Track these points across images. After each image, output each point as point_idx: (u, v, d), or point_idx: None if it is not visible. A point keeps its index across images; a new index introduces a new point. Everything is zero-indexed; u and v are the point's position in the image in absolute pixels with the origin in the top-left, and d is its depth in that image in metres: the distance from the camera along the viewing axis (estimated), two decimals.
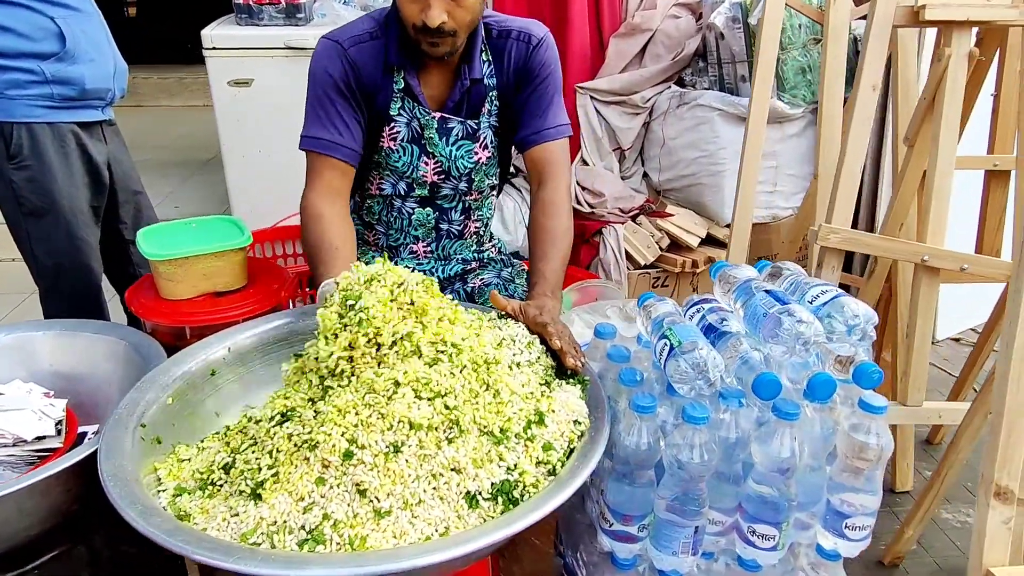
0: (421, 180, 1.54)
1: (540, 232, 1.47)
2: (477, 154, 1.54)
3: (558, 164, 1.52)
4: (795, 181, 2.90)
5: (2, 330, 1.45)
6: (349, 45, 1.44)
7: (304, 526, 0.89)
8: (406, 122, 1.48)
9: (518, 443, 1.03)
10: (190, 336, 1.50)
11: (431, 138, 1.49)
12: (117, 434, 1.06)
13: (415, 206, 1.58)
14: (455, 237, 1.66)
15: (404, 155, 1.51)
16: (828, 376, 1.06)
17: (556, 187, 1.51)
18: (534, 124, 1.52)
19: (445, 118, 1.50)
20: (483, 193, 1.64)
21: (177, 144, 5.02)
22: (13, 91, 1.84)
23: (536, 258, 1.45)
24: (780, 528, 1.13)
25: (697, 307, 1.24)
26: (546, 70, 1.51)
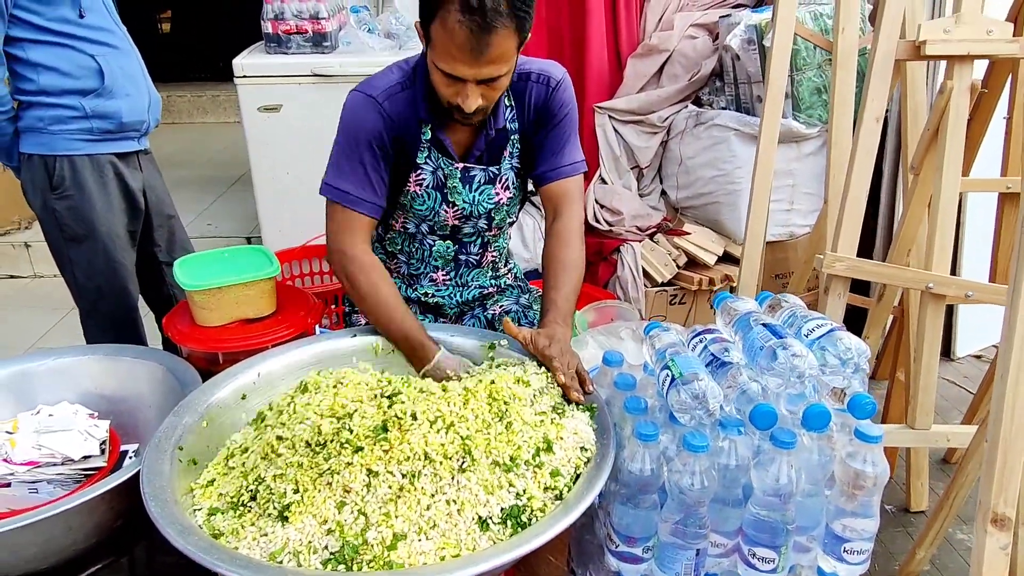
0: (442, 224, 1.61)
1: (553, 262, 1.53)
2: (498, 195, 1.60)
3: (573, 198, 1.59)
4: (812, 199, 2.93)
5: (51, 355, 1.55)
6: (383, 99, 1.46)
7: (327, 546, 0.97)
8: (432, 170, 1.53)
9: (527, 470, 1.09)
10: (223, 361, 1.59)
11: (454, 187, 1.55)
12: (157, 457, 1.15)
13: (436, 239, 1.64)
14: (473, 266, 1.72)
15: (428, 200, 1.56)
16: (823, 407, 1.11)
17: (570, 218, 1.57)
18: (551, 161, 1.57)
19: (468, 168, 1.55)
20: (502, 229, 1.70)
21: (211, 161, 5.17)
22: (56, 126, 1.96)
23: (549, 287, 1.51)
24: (779, 551, 1.17)
25: (700, 337, 1.30)
26: (564, 110, 1.56)
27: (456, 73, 1.31)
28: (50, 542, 1.18)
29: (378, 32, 3.05)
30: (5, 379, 1.50)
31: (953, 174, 1.52)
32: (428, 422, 1.07)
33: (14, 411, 1.47)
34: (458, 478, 1.04)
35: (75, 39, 1.93)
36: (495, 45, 1.27)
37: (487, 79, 1.32)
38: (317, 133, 2.91)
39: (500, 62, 1.30)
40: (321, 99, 2.90)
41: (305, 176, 3.05)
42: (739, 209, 2.89)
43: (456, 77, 1.32)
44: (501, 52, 1.28)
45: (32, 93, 1.92)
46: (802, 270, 2.46)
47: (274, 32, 2.95)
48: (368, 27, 3.08)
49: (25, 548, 1.16)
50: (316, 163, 3.05)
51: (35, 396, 1.50)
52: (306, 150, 2.95)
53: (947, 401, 2.65)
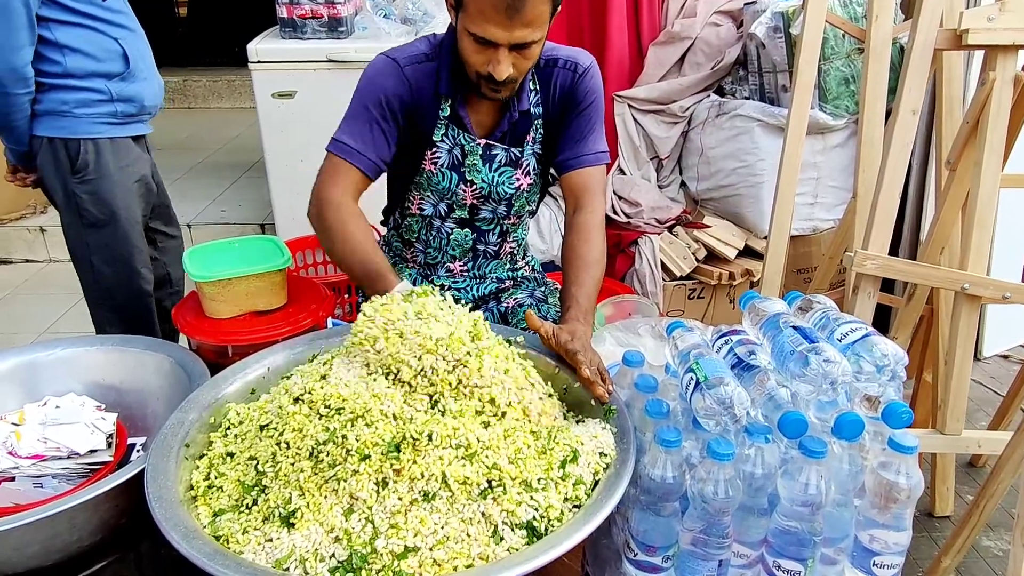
0: (460, 202, 1.58)
1: (574, 257, 1.49)
2: (519, 180, 1.57)
3: (595, 190, 1.55)
4: (837, 193, 2.86)
5: (59, 344, 1.53)
6: (406, 64, 1.46)
7: (335, 555, 0.93)
8: (448, 148, 1.51)
9: (551, 483, 1.05)
10: (232, 354, 1.55)
11: (474, 164, 1.52)
12: (162, 455, 1.12)
13: (454, 226, 1.61)
14: (491, 257, 1.69)
15: (443, 180, 1.54)
16: (856, 416, 1.06)
17: (592, 213, 1.53)
18: (575, 149, 1.54)
19: (490, 145, 1.52)
20: (521, 217, 1.67)
21: (226, 147, 5.15)
22: (81, 109, 1.94)
23: (569, 282, 1.46)
24: (806, 564, 1.12)
25: (725, 338, 1.24)
26: (590, 97, 1.53)
27: (488, 36, 1.29)
28: (54, 539, 1.15)
29: (394, 17, 3.00)
30: (12, 369, 1.47)
31: (993, 170, 1.45)
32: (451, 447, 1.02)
33: (21, 402, 1.44)
34: (479, 503, 0.99)
35: (99, 21, 1.92)
36: (530, 6, 1.26)
37: (520, 44, 1.31)
38: (332, 120, 2.86)
39: (534, 26, 1.29)
40: (336, 85, 2.85)
41: (319, 163, 3.01)
42: (761, 202, 2.82)
43: (488, 42, 1.30)
44: (536, 15, 1.27)
45: (57, 75, 1.89)
46: (826, 266, 2.39)
47: (289, 16, 2.90)
48: (384, 12, 3.03)
49: (28, 546, 1.13)
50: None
51: (42, 386, 1.47)
52: (320, 137, 2.87)
53: (973, 402, 2.58)
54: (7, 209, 3.90)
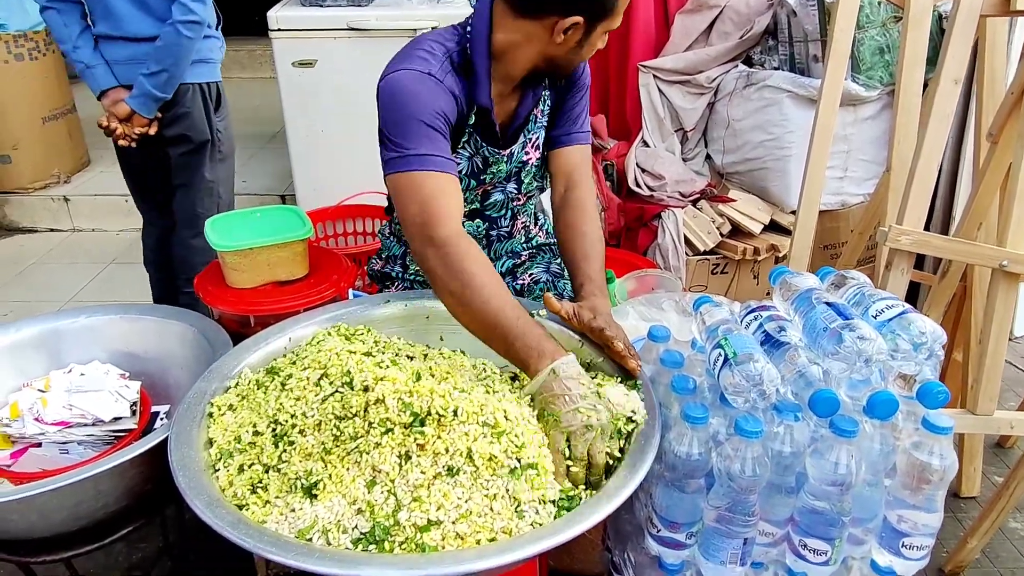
0: (471, 199, 1.55)
1: (578, 235, 1.46)
2: (528, 155, 1.54)
3: (586, 168, 1.55)
4: (867, 167, 2.78)
5: (83, 313, 1.53)
6: (442, 77, 1.32)
7: (357, 526, 0.93)
8: (468, 156, 1.47)
9: None
10: (254, 324, 1.55)
11: (498, 170, 1.51)
12: (185, 424, 1.12)
13: (464, 220, 1.57)
14: (505, 239, 1.67)
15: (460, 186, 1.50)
16: (890, 395, 1.03)
17: (587, 191, 1.52)
18: (569, 127, 1.55)
19: (512, 151, 1.50)
20: (530, 196, 1.65)
21: (247, 117, 5.12)
22: (213, 55, 2.16)
23: (578, 257, 1.43)
24: (833, 544, 1.11)
25: (755, 314, 1.21)
26: (585, 81, 1.55)
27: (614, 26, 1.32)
28: (79, 505, 1.16)
29: None
30: (37, 337, 1.48)
31: None
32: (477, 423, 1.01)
33: (46, 369, 1.45)
34: (506, 481, 0.98)
35: None
36: None
37: None
38: (352, 89, 2.85)
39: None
40: (357, 54, 2.81)
41: (339, 133, 2.99)
42: (789, 176, 2.75)
43: None
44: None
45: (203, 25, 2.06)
46: (855, 241, 2.33)
47: None
48: None
49: (54, 511, 1.15)
50: (351, 120, 2.99)
51: (66, 354, 1.49)
52: (341, 107, 2.89)
53: (1003, 383, 2.50)
54: (32, 179, 3.92)
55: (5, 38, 3.65)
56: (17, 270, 3.49)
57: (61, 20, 1.99)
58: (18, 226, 3.95)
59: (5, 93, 3.71)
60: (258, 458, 1.06)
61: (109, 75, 2.03)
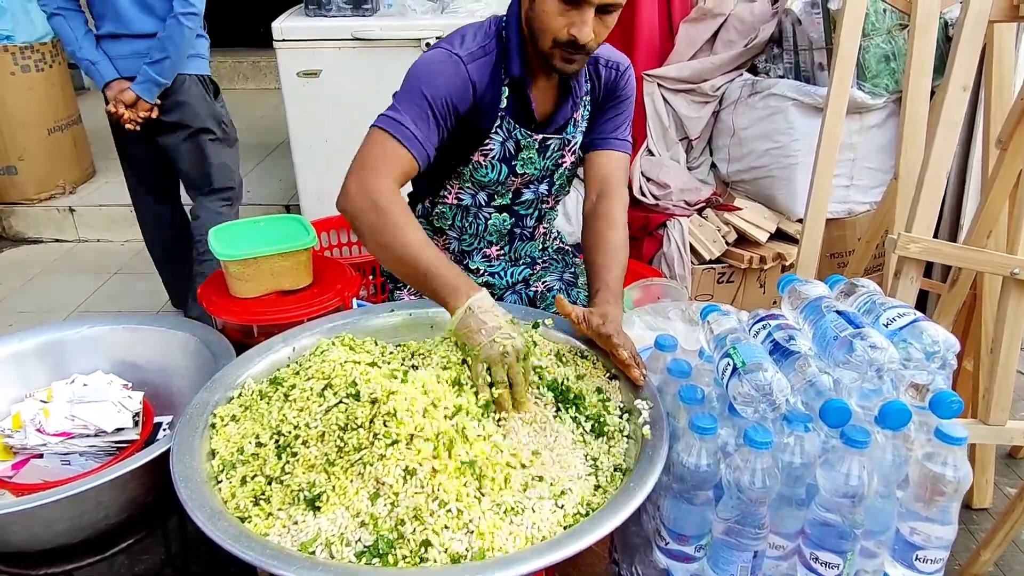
0: (504, 191, 1.55)
1: (601, 242, 1.46)
2: (565, 159, 1.56)
3: (620, 178, 1.54)
4: (874, 175, 2.77)
5: (85, 323, 1.53)
6: (469, 61, 1.37)
7: (361, 539, 0.91)
8: (501, 140, 1.47)
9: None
10: (257, 334, 1.54)
11: (529, 158, 1.50)
12: (188, 434, 1.11)
13: (492, 212, 1.59)
14: (527, 239, 1.68)
15: (492, 171, 1.51)
16: (902, 405, 1.01)
17: (617, 201, 1.51)
18: (604, 131, 1.55)
19: (547, 138, 1.49)
20: (558, 199, 1.67)
21: (250, 128, 5.14)
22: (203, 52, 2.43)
23: (598, 265, 1.43)
24: (845, 557, 1.08)
25: (763, 323, 1.20)
26: (627, 93, 1.55)
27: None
28: (81, 517, 1.15)
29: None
30: (40, 347, 1.47)
31: None
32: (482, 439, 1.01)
33: (48, 379, 1.44)
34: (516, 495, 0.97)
35: None
36: None
37: (606, 6, 1.26)
38: (357, 99, 2.85)
39: None
40: (361, 64, 2.82)
41: (344, 144, 2.97)
42: (795, 184, 2.74)
43: (576, 1, 1.25)
44: None
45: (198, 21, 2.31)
46: (862, 250, 2.31)
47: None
48: None
49: (56, 522, 1.14)
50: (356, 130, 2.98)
51: (69, 365, 1.48)
52: (346, 117, 2.89)
53: (1014, 392, 2.49)
54: (37, 189, 3.93)
55: (12, 49, 3.67)
56: (22, 280, 3.49)
57: (67, 24, 2.28)
58: (23, 237, 3.95)
59: (11, 104, 3.73)
60: (261, 469, 1.04)
61: (112, 69, 2.32)
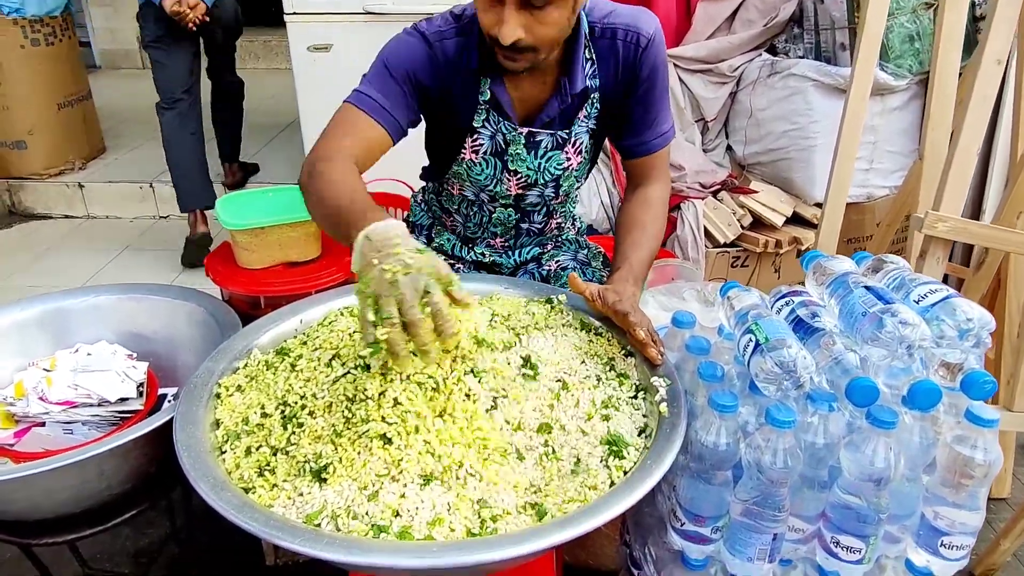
0: (504, 193, 1.47)
1: (635, 225, 1.39)
2: (568, 160, 1.44)
3: (661, 168, 1.47)
4: (894, 158, 2.71)
5: (89, 292, 1.50)
6: (435, 39, 1.32)
7: (368, 512, 0.88)
8: (490, 135, 1.39)
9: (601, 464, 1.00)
10: (264, 306, 1.51)
11: (517, 153, 1.40)
12: (191, 404, 1.08)
13: (497, 206, 1.52)
14: (535, 234, 1.61)
15: (487, 168, 1.43)
16: (933, 384, 0.97)
17: (659, 186, 1.45)
18: (642, 135, 1.42)
19: (533, 132, 1.39)
20: (570, 196, 1.57)
21: (260, 107, 5.12)
22: None
23: (625, 244, 1.36)
24: (868, 541, 1.05)
25: (786, 299, 1.16)
26: (656, 73, 1.37)
27: None
28: (83, 486, 1.13)
29: None
30: (43, 316, 1.45)
31: None
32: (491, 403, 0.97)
33: (52, 349, 1.42)
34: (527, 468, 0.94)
35: None
36: None
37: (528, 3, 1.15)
38: None
39: None
40: (372, 39, 2.73)
41: None
42: (813, 167, 2.69)
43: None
44: None
45: None
46: (882, 234, 2.26)
47: None
48: None
49: (58, 491, 1.11)
50: None
51: (73, 334, 1.45)
52: None
53: None
54: (46, 165, 3.92)
55: (21, 23, 3.64)
56: (31, 256, 3.48)
57: None
58: (33, 212, 3.94)
59: (21, 78, 3.71)
60: (266, 440, 1.01)
61: None
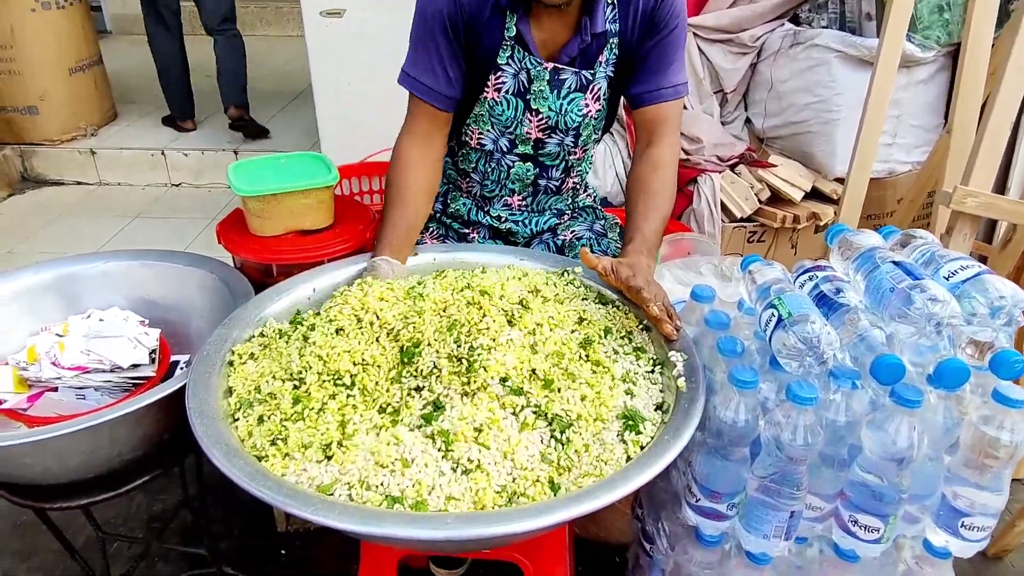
0: (524, 136, 1.46)
1: (643, 190, 1.37)
2: (588, 106, 1.43)
3: (672, 125, 1.42)
4: (918, 133, 2.64)
5: (101, 258, 1.49)
6: None
7: (383, 483, 0.87)
8: (513, 73, 1.38)
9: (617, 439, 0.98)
10: (276, 274, 1.50)
11: (540, 91, 1.39)
12: (205, 371, 1.07)
13: (516, 160, 1.50)
14: (552, 192, 1.58)
15: (508, 108, 1.42)
16: (961, 363, 0.94)
17: (667, 147, 1.41)
18: (653, 81, 1.39)
19: (558, 69, 1.38)
20: (587, 150, 1.55)
21: (272, 74, 5.07)
22: None
23: (636, 215, 1.35)
24: (887, 521, 1.03)
25: (809, 274, 1.13)
26: (674, 22, 1.36)
27: None
28: (95, 452, 1.12)
29: None
30: (55, 281, 1.44)
31: None
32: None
33: (64, 314, 1.41)
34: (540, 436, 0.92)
35: None
36: None
37: None
38: (381, 40, 2.75)
39: None
40: (387, 3, 2.72)
41: (367, 88, 2.91)
42: (834, 141, 2.63)
43: None
44: None
45: None
46: (904, 211, 2.22)
47: None
48: None
49: (69, 457, 1.11)
50: (379, 74, 2.89)
51: (85, 300, 1.44)
52: (368, 59, 2.80)
53: None
54: (59, 130, 3.90)
55: None
56: (43, 222, 3.48)
57: None
58: (45, 178, 3.93)
59: (31, 42, 3.67)
60: (279, 409, 1.00)
61: None
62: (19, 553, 1.76)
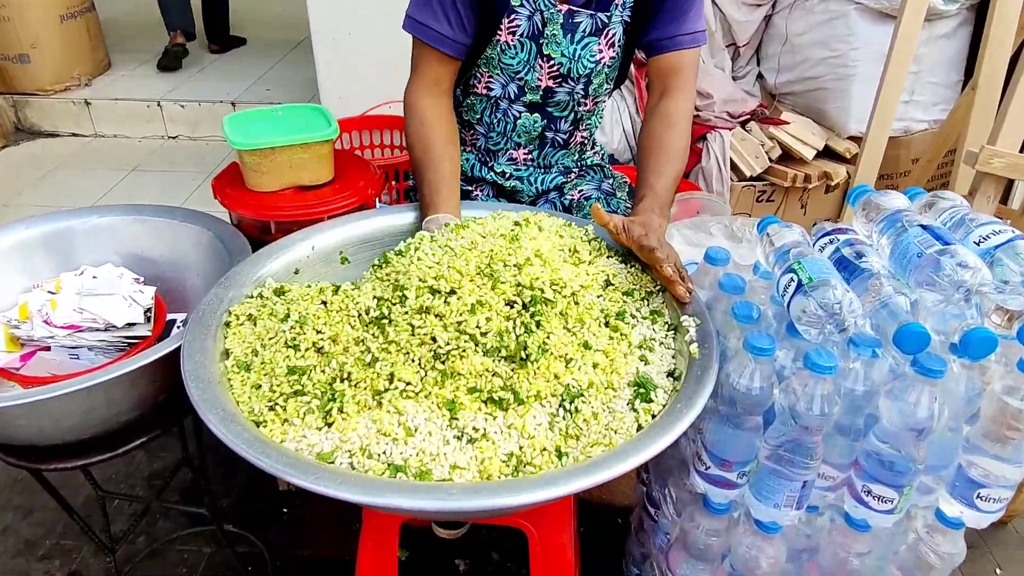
0: (534, 84, 1.39)
1: (656, 146, 1.31)
2: (601, 52, 1.37)
3: (688, 75, 1.36)
4: (937, 90, 2.56)
5: (95, 212, 1.44)
6: None
7: (385, 452, 0.84)
8: (528, 15, 1.31)
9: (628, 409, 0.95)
10: (275, 231, 1.45)
11: (553, 35, 1.33)
12: (200, 332, 1.03)
13: (522, 110, 1.44)
14: (559, 146, 1.52)
15: (520, 52, 1.35)
16: (989, 332, 0.90)
17: (682, 100, 1.35)
18: (670, 27, 1.33)
19: (572, 11, 1.32)
20: (597, 102, 1.48)
21: (271, 23, 4.92)
22: None
23: (648, 171, 1.30)
24: (901, 492, 1.01)
25: (830, 237, 1.08)
26: None
27: None
28: (90, 413, 1.10)
29: None
30: (47, 236, 1.39)
31: None
32: None
33: (56, 271, 1.37)
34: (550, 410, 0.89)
35: None
36: None
37: None
38: None
39: None
40: None
41: (367, 38, 2.81)
42: (849, 97, 2.55)
43: None
44: None
45: None
46: (920, 170, 2.16)
47: None
48: None
49: (65, 417, 1.08)
50: (380, 22, 2.80)
51: (79, 256, 1.40)
52: (369, 7, 2.70)
53: None
54: (52, 80, 3.79)
55: None
56: (38, 175, 3.41)
57: None
58: (39, 129, 3.85)
59: None
60: (276, 373, 0.97)
61: None
62: (20, 508, 1.76)
